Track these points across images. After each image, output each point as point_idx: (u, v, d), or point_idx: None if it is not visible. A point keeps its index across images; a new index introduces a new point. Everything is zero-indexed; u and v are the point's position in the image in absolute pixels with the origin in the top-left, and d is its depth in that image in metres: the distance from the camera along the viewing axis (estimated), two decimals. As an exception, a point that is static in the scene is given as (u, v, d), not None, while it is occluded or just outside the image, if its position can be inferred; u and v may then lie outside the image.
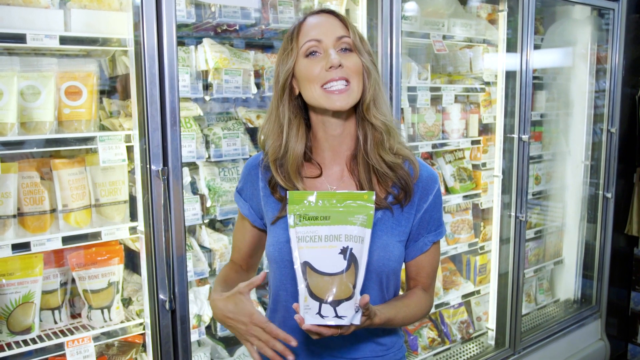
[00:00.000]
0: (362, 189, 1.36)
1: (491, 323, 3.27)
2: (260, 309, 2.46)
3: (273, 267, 1.40)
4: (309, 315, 1.13)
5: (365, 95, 1.33)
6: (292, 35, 1.34)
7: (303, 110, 1.39)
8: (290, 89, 1.36)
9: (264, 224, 1.48)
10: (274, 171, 1.37)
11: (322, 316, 1.12)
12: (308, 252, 1.16)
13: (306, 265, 1.15)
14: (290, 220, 1.18)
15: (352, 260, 1.15)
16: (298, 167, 1.37)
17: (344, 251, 1.15)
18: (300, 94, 1.36)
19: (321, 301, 1.12)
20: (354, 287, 1.14)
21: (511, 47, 3.03)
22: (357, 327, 1.16)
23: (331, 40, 1.30)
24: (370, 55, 1.34)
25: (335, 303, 1.12)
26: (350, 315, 1.13)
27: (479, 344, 3.24)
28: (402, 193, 1.36)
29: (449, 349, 3.12)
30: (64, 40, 1.82)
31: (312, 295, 1.13)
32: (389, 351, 1.42)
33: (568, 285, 3.88)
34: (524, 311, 3.37)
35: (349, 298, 1.13)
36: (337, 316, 1.12)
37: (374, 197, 1.19)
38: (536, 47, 3.19)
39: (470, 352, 3.16)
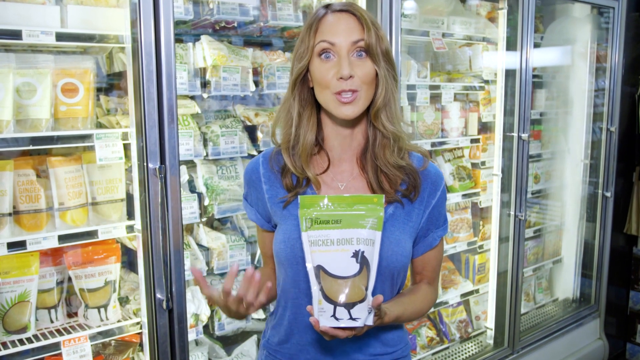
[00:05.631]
0: (371, 187, 1.37)
1: (490, 322, 3.26)
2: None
3: (284, 264, 1.38)
4: (323, 317, 1.16)
5: (375, 102, 1.33)
6: (310, 29, 1.32)
7: (315, 100, 1.38)
8: (303, 81, 1.36)
9: (273, 225, 1.47)
10: (287, 157, 1.38)
11: (336, 318, 1.16)
12: (321, 255, 1.18)
13: (319, 268, 1.18)
14: (302, 224, 1.20)
15: (364, 263, 1.18)
16: (309, 156, 1.38)
17: (356, 254, 1.18)
18: (313, 87, 1.36)
19: (335, 304, 1.16)
20: (367, 289, 1.17)
21: (511, 45, 3.02)
22: (369, 327, 1.19)
23: (346, 45, 1.28)
24: (386, 56, 1.32)
25: (349, 305, 1.16)
26: (363, 316, 1.16)
27: (478, 343, 3.23)
28: (411, 188, 1.38)
29: (447, 348, 3.11)
30: (60, 36, 1.80)
31: (326, 298, 1.16)
32: (396, 346, 1.44)
33: (567, 284, 3.87)
34: (522, 310, 3.36)
35: (362, 300, 1.16)
36: (351, 318, 1.15)
37: (383, 200, 1.22)
38: (536, 45, 3.17)
39: (468, 352, 3.15)
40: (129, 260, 2.28)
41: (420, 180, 1.38)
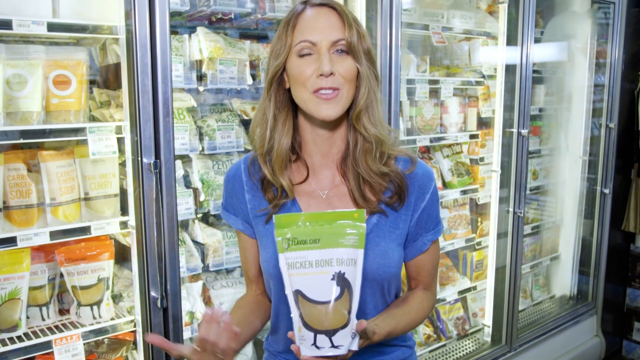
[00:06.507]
0: (354, 195, 1.30)
1: (487, 319, 3.25)
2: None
3: (271, 281, 1.34)
4: (304, 346, 1.09)
5: (357, 102, 1.26)
6: (288, 25, 1.25)
7: (291, 103, 1.31)
8: (279, 82, 1.29)
9: None
10: (262, 163, 1.31)
11: (317, 347, 1.09)
12: (299, 279, 1.10)
13: (298, 293, 1.10)
14: (279, 244, 1.12)
15: (345, 286, 1.10)
16: (284, 162, 1.30)
17: (336, 277, 1.10)
18: (289, 88, 1.29)
19: (316, 331, 1.09)
20: (349, 312, 1.10)
21: (511, 40, 2.98)
22: (354, 352, 1.12)
23: (326, 43, 1.22)
24: (368, 54, 1.26)
25: (331, 333, 1.09)
26: (347, 343, 1.09)
27: (475, 340, 3.21)
28: (396, 197, 1.30)
29: (444, 345, 3.09)
30: (52, 27, 1.74)
31: (306, 325, 1.09)
32: (400, 346, 1.40)
33: (564, 281, 3.86)
34: (520, 307, 3.35)
35: (345, 325, 1.09)
36: (333, 346, 1.09)
37: (364, 215, 1.14)
38: (536, 40, 3.14)
39: (466, 349, 3.13)
40: (122, 257, 2.23)
41: (406, 186, 1.31)
